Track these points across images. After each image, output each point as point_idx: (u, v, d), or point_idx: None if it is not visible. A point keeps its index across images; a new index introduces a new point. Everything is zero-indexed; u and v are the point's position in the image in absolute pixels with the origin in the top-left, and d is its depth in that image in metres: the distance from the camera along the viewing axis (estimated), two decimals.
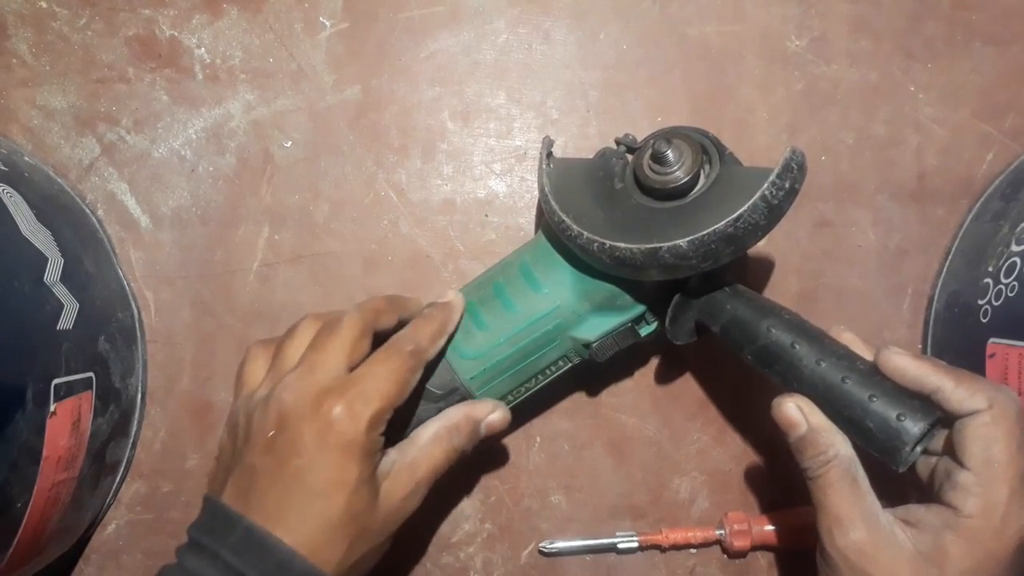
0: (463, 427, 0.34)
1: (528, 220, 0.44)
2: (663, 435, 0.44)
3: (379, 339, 0.33)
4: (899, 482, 0.33)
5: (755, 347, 0.33)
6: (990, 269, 0.38)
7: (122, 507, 0.43)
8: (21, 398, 0.32)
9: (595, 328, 0.35)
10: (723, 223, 0.29)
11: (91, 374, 0.37)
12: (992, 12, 0.43)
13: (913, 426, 0.29)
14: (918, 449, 0.30)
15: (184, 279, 0.44)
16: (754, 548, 0.42)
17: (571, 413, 0.44)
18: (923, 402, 0.29)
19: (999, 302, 0.36)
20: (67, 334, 0.35)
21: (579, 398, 0.44)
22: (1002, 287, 0.36)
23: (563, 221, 0.33)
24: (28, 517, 0.34)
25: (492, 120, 0.44)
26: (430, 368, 0.34)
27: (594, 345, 0.35)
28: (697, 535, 0.42)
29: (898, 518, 0.30)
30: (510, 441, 0.44)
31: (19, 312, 0.33)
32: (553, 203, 0.34)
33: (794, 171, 0.30)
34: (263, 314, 0.43)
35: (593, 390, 0.44)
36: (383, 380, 0.31)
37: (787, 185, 0.30)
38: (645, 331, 0.36)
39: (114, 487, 0.43)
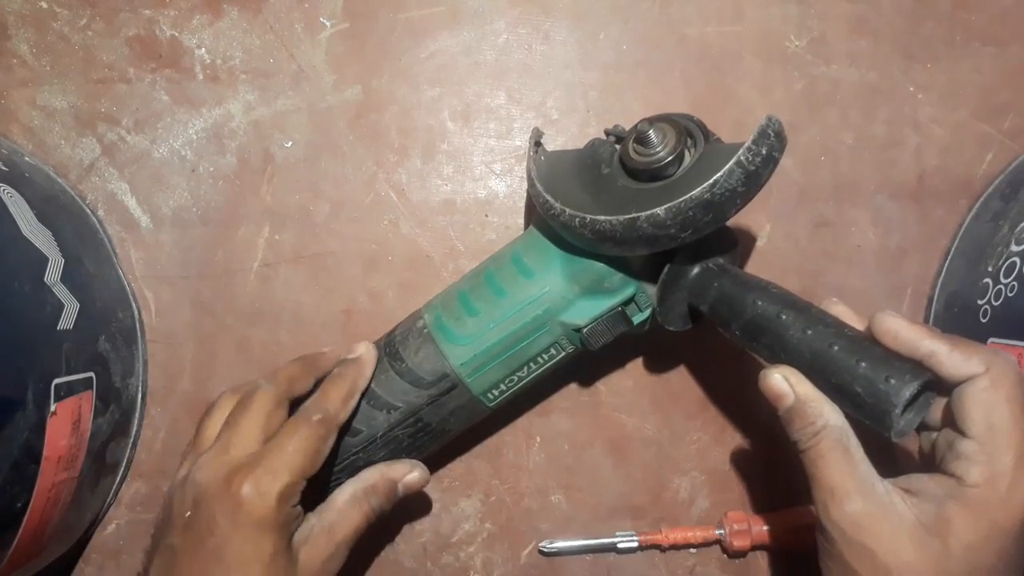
0: (380, 488, 0.35)
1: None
2: (663, 435, 0.44)
3: (299, 403, 0.34)
4: (901, 462, 0.33)
5: (742, 321, 0.32)
6: (990, 269, 0.38)
7: (122, 507, 0.43)
8: (22, 398, 0.32)
9: (585, 312, 0.35)
10: (699, 189, 0.30)
11: (91, 374, 0.37)
12: (991, 12, 0.43)
13: (902, 387, 0.27)
14: (910, 416, 0.29)
15: (184, 279, 0.44)
16: (754, 548, 0.42)
17: (571, 413, 0.44)
18: (914, 364, 0.28)
19: (999, 302, 0.36)
20: (67, 334, 0.35)
21: (579, 398, 0.44)
22: (1002, 287, 0.36)
23: (547, 201, 0.34)
24: (28, 517, 0.34)
25: (492, 120, 0.44)
26: (344, 429, 0.34)
27: (585, 330, 0.34)
28: (697, 535, 0.42)
29: (898, 487, 0.28)
30: (510, 441, 0.44)
31: (19, 312, 0.33)
32: (538, 185, 0.35)
33: (770, 137, 0.30)
34: (263, 314, 0.44)
35: (593, 390, 0.44)
36: (292, 453, 0.31)
37: (763, 151, 0.30)
38: (637, 318, 0.36)
39: (114, 487, 0.43)
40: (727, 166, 0.29)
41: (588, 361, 0.43)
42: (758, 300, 0.31)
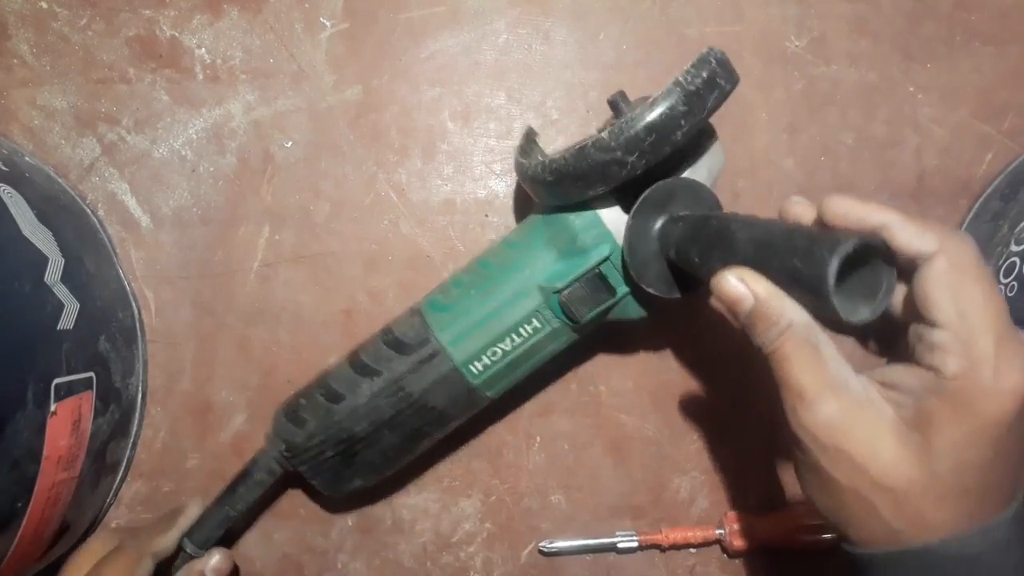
0: None
1: None
2: (663, 435, 0.44)
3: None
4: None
5: (698, 246, 0.30)
6: (989, 269, 0.38)
7: (123, 507, 0.43)
8: (22, 398, 0.32)
9: (562, 274, 0.34)
10: (639, 108, 0.30)
11: (91, 374, 0.37)
12: (991, 12, 0.43)
13: (837, 244, 0.24)
14: (866, 296, 0.25)
15: (185, 279, 0.44)
16: (754, 548, 0.42)
17: (571, 413, 0.44)
18: (858, 231, 0.25)
19: None
20: (67, 334, 0.35)
21: (579, 398, 0.44)
22: (1001, 287, 0.36)
23: (519, 163, 0.35)
24: (29, 517, 0.34)
25: (492, 120, 0.44)
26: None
27: (564, 294, 0.34)
28: (697, 535, 0.42)
29: (875, 380, 0.26)
30: (510, 441, 0.44)
31: (20, 312, 0.33)
32: (517, 154, 0.36)
33: (711, 63, 0.30)
34: (263, 314, 0.44)
35: (593, 390, 0.44)
36: None
37: (704, 75, 0.30)
38: (620, 289, 0.35)
39: (114, 487, 0.43)
40: (667, 86, 0.30)
41: (587, 356, 0.44)
42: (713, 221, 0.30)
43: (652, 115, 0.30)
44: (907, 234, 0.25)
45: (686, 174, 0.34)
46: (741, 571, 0.43)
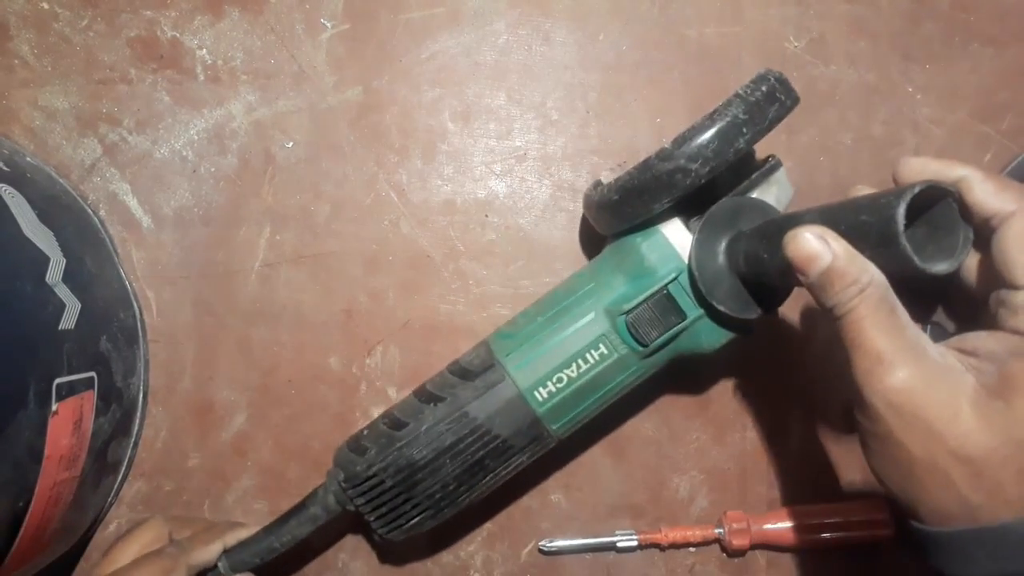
0: None
1: (528, 220, 0.44)
2: (663, 434, 0.44)
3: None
4: None
5: (767, 240, 0.29)
6: None
7: (124, 506, 0.43)
8: (23, 397, 0.32)
9: (629, 297, 0.34)
10: (701, 118, 0.31)
11: (93, 374, 0.37)
12: (990, 13, 0.44)
13: (906, 189, 0.23)
14: (939, 245, 0.25)
15: (186, 279, 0.44)
16: (753, 547, 0.42)
17: None
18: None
19: None
20: (69, 334, 0.36)
21: None
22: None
23: (587, 196, 0.36)
24: (30, 516, 0.34)
25: (492, 121, 0.44)
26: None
27: (630, 316, 0.33)
28: (696, 534, 0.42)
29: (952, 347, 0.25)
30: None
31: (21, 312, 0.33)
32: (586, 191, 0.37)
33: (771, 80, 0.31)
34: (264, 314, 0.44)
35: None
36: None
37: (763, 88, 0.31)
38: (691, 312, 0.34)
39: (116, 486, 0.43)
40: (728, 97, 0.31)
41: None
42: (779, 219, 0.31)
43: (715, 124, 0.31)
44: (984, 191, 0.24)
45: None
46: (740, 570, 0.43)
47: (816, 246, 0.25)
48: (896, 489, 0.25)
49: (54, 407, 0.34)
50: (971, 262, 0.28)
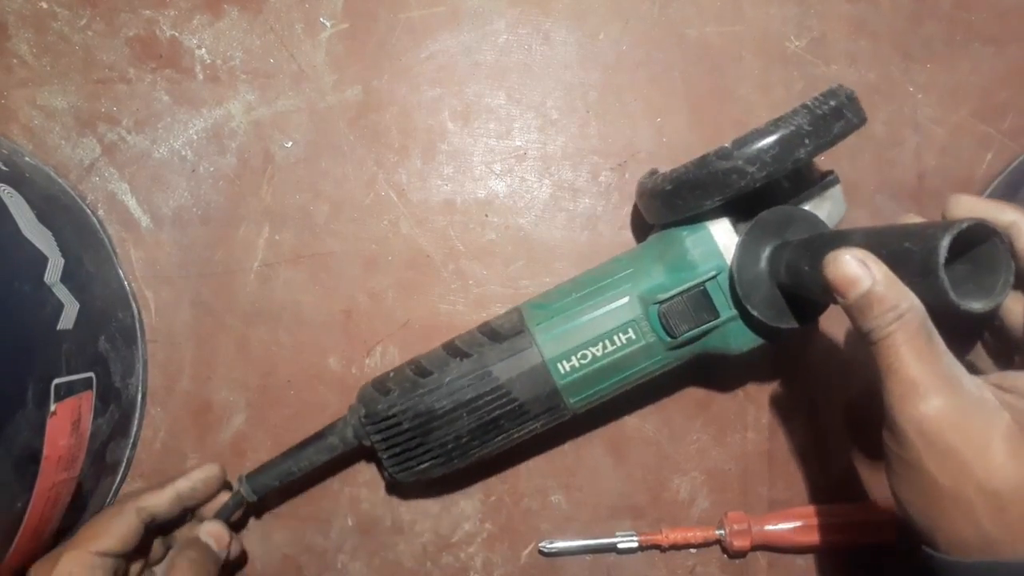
0: (188, 544, 0.37)
1: (528, 220, 0.44)
2: (663, 435, 0.44)
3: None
4: None
5: (810, 253, 0.29)
6: None
7: None
8: (21, 398, 0.32)
9: (666, 287, 0.34)
10: (766, 123, 0.31)
11: (91, 374, 0.37)
12: (991, 12, 0.44)
13: (952, 224, 0.23)
14: (980, 285, 0.25)
15: (184, 279, 0.44)
16: (754, 548, 0.42)
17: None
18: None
19: None
20: (67, 334, 0.35)
21: None
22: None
23: (641, 183, 0.36)
24: (28, 517, 0.34)
25: (492, 120, 0.44)
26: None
27: (664, 306, 0.33)
28: (697, 535, 0.42)
29: (990, 383, 0.25)
30: None
31: (19, 312, 0.33)
32: (641, 179, 0.37)
33: (841, 96, 0.31)
34: (263, 314, 0.44)
35: None
36: (81, 539, 0.34)
37: (832, 103, 0.31)
38: (724, 312, 0.34)
39: (114, 487, 0.43)
40: (795, 107, 0.31)
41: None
42: (825, 234, 0.31)
43: (778, 130, 0.31)
44: None
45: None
46: (741, 571, 0.43)
47: (856, 269, 0.25)
48: (916, 515, 0.25)
49: (52, 408, 0.34)
50: (1015, 304, 0.28)
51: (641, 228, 0.43)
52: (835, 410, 0.43)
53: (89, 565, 0.33)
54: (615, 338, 0.35)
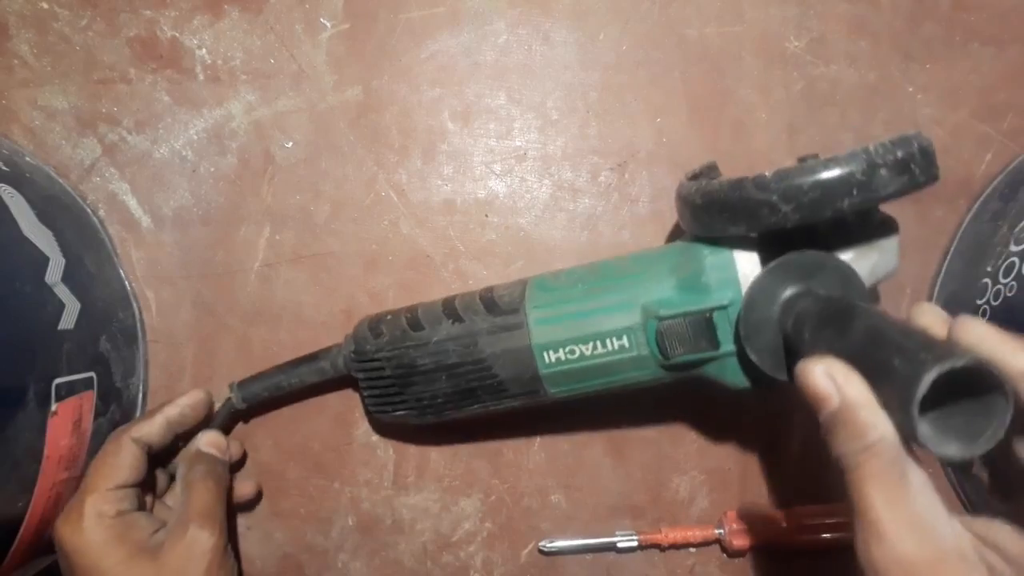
0: (193, 462, 0.37)
1: (528, 220, 0.44)
2: (663, 435, 0.44)
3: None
4: None
5: (815, 320, 0.27)
6: (989, 269, 0.38)
7: None
8: (22, 398, 0.32)
9: (671, 304, 0.32)
10: (814, 160, 0.28)
11: (92, 374, 0.37)
12: (991, 13, 0.44)
13: (947, 355, 0.20)
14: (967, 428, 0.21)
15: (185, 279, 0.44)
16: (754, 548, 0.42)
17: (571, 412, 0.44)
18: (983, 357, 0.21)
19: (998, 302, 0.36)
20: (68, 334, 0.36)
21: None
22: (1001, 287, 0.37)
23: (681, 182, 0.34)
24: (29, 517, 0.34)
25: (492, 121, 0.44)
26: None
27: (663, 323, 0.31)
28: (696, 534, 0.42)
29: (974, 530, 0.23)
30: (510, 441, 0.44)
31: (20, 312, 0.33)
32: (684, 176, 0.35)
33: (912, 147, 0.27)
34: (264, 314, 0.44)
35: None
36: (90, 476, 0.34)
37: (898, 154, 0.27)
38: (725, 346, 0.32)
39: None
40: (853, 149, 0.27)
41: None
42: (841, 303, 0.27)
43: (824, 172, 0.27)
44: None
45: (846, 259, 0.31)
46: (741, 571, 0.43)
47: (825, 386, 0.23)
48: None
49: (53, 407, 0.34)
50: None
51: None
52: None
53: (114, 500, 0.33)
54: (608, 341, 0.33)
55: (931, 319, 0.26)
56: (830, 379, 0.23)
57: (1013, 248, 0.37)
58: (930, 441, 0.21)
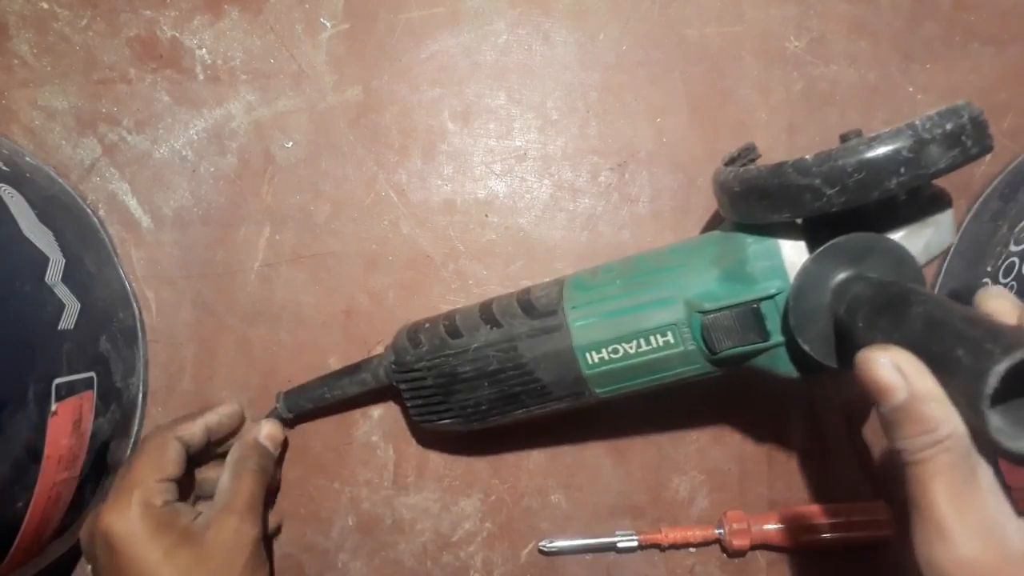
0: (248, 451, 0.38)
1: (528, 220, 0.44)
2: (663, 435, 0.44)
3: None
4: None
5: (869, 307, 0.26)
6: (988, 269, 0.38)
7: None
8: (22, 398, 0.32)
9: (716, 296, 0.31)
10: (856, 139, 0.27)
11: (92, 374, 0.37)
12: (990, 12, 0.44)
13: (1018, 344, 0.19)
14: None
15: (185, 279, 0.44)
16: (753, 547, 0.42)
17: (571, 412, 0.44)
18: None
19: None
20: (68, 334, 0.36)
21: None
22: (1001, 287, 0.36)
23: (718, 168, 0.33)
24: (29, 517, 0.34)
25: (492, 121, 0.44)
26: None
27: (708, 317, 0.30)
28: (696, 534, 0.42)
29: None
30: (510, 441, 0.44)
31: (20, 312, 0.33)
32: (721, 160, 0.34)
33: (962, 117, 0.26)
34: (264, 314, 0.44)
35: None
36: (137, 468, 0.35)
37: (948, 127, 0.26)
38: (774, 337, 0.30)
39: None
40: (898, 126, 0.26)
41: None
42: (895, 287, 0.26)
43: (869, 151, 0.26)
44: None
45: (898, 238, 0.29)
46: (741, 571, 0.43)
47: (890, 378, 0.22)
48: None
49: (53, 407, 0.34)
50: None
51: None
52: (835, 410, 0.43)
53: (160, 492, 0.34)
54: (652, 338, 0.32)
55: (998, 304, 0.24)
56: (896, 370, 0.22)
57: (1013, 248, 0.37)
58: (1002, 436, 0.20)
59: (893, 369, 0.22)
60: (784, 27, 0.44)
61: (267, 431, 0.39)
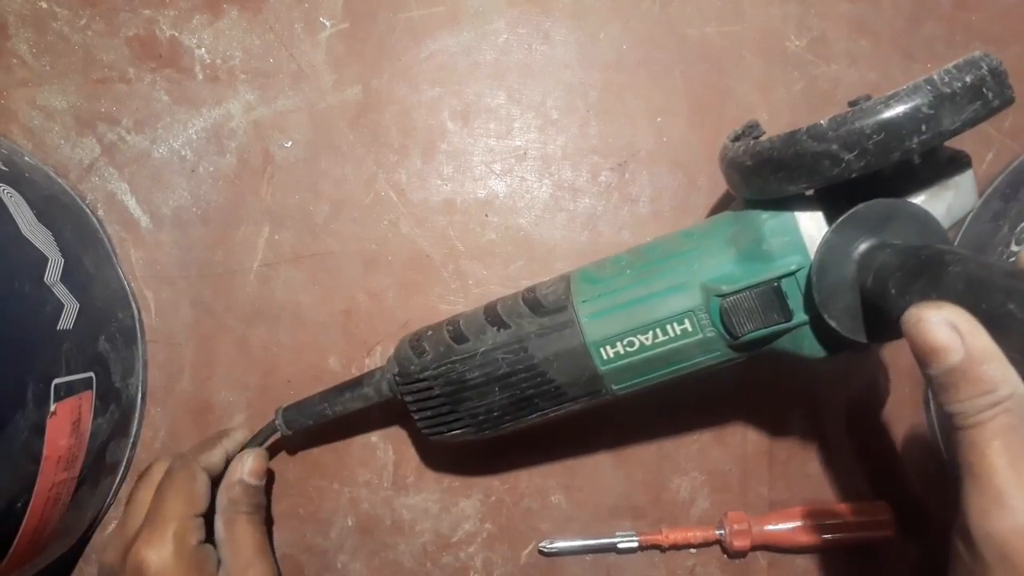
0: (237, 497, 0.37)
1: (528, 220, 0.44)
2: (663, 435, 0.44)
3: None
4: None
5: (901, 273, 0.25)
6: None
7: (122, 507, 0.43)
8: (21, 398, 0.32)
9: (734, 278, 0.29)
10: (873, 99, 0.25)
11: (91, 374, 0.37)
12: (992, 12, 0.43)
13: None
14: None
15: (184, 279, 0.44)
16: (754, 548, 0.42)
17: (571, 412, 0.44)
18: None
19: None
20: (67, 334, 0.35)
21: None
22: None
23: (724, 145, 0.32)
24: (28, 517, 0.34)
25: (492, 120, 0.44)
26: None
27: (728, 300, 0.29)
28: (697, 535, 0.42)
29: None
30: (510, 441, 0.44)
31: (19, 312, 0.33)
32: (727, 138, 0.33)
33: (982, 69, 0.25)
34: (263, 314, 0.44)
35: None
36: (171, 501, 0.35)
37: (967, 79, 0.24)
38: (798, 315, 0.29)
39: (114, 487, 0.43)
40: (915, 81, 0.25)
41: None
42: (925, 250, 0.25)
43: (887, 110, 0.25)
44: None
45: (919, 203, 0.28)
46: (741, 571, 0.43)
47: (945, 337, 0.21)
48: None
49: (52, 408, 0.34)
50: None
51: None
52: (835, 410, 0.43)
53: (194, 529, 0.35)
54: (668, 327, 0.31)
55: None
56: (952, 329, 0.21)
57: (1014, 248, 0.37)
58: None
59: (948, 327, 0.21)
60: (785, 26, 0.44)
61: (250, 468, 0.37)
